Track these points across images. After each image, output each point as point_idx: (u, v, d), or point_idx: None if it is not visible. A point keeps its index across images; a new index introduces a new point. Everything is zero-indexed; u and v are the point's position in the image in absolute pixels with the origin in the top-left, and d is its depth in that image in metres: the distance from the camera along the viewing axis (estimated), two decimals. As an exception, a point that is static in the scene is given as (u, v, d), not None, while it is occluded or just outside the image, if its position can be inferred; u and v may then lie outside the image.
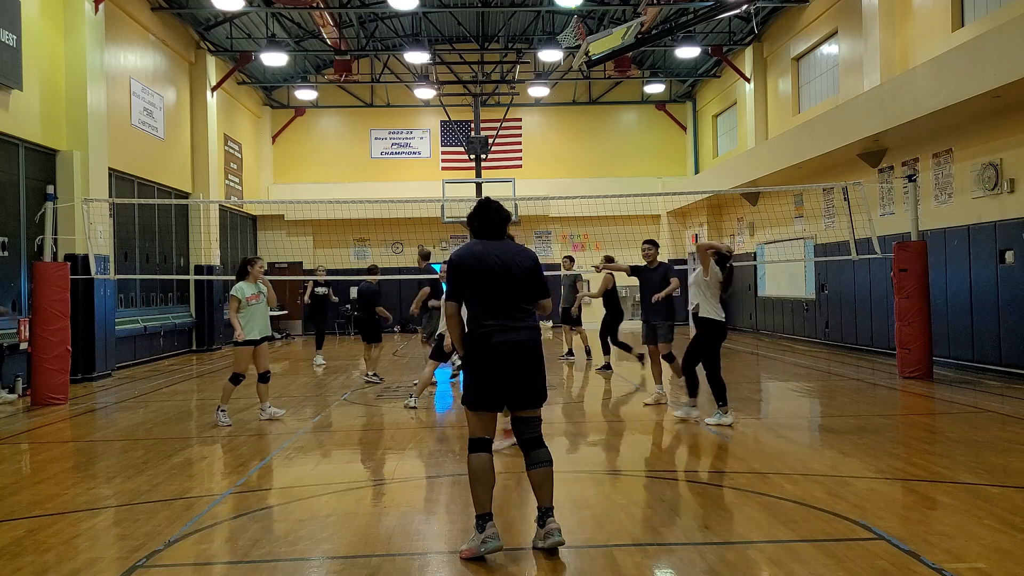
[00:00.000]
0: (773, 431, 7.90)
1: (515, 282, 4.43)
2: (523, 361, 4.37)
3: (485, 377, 4.36)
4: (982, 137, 11.84)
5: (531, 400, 4.42)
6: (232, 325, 8.54)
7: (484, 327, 4.37)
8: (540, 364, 4.48)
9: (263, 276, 8.90)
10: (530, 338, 4.42)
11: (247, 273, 8.73)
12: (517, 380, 4.37)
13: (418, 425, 8.49)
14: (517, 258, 4.49)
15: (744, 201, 20.74)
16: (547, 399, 4.54)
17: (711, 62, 22.74)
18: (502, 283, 4.40)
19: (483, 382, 4.36)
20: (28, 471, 6.81)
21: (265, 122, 25.22)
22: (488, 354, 4.34)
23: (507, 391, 4.37)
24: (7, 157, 11.82)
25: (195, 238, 19.04)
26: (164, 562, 4.34)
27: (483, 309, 4.40)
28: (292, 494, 5.75)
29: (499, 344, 4.33)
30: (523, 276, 4.46)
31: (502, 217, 4.64)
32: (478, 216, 4.64)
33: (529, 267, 4.51)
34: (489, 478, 4.34)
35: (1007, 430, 7.54)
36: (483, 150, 23.61)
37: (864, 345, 15.18)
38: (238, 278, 8.76)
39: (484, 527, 4.27)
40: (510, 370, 4.35)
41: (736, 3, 15.61)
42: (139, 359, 15.73)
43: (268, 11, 18.98)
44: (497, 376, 4.34)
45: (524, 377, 4.38)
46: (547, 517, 4.37)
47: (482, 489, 4.31)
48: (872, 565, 4.04)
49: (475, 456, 4.36)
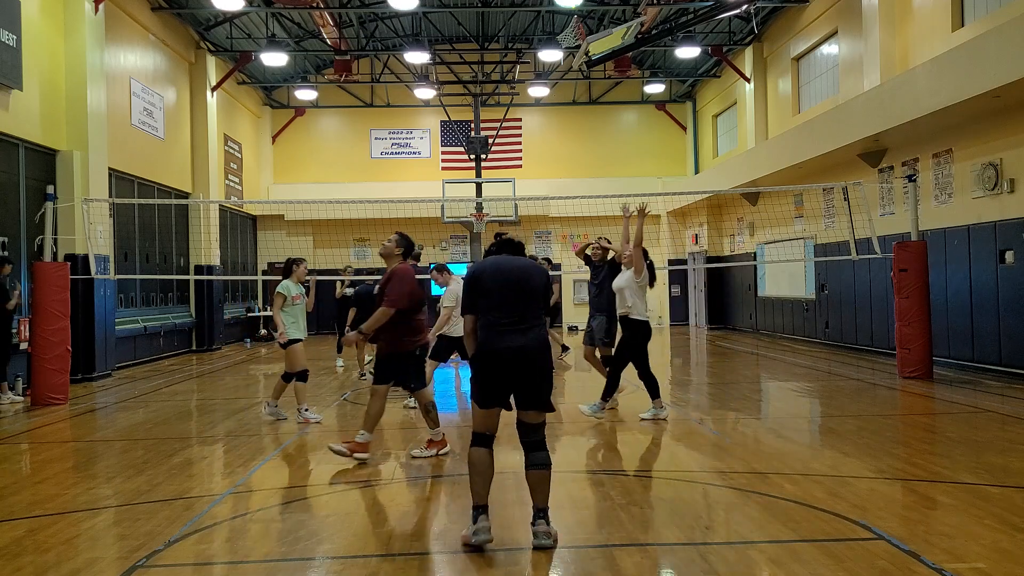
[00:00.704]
0: (773, 431, 7.90)
1: (527, 292, 4.58)
2: (528, 362, 4.46)
3: (489, 375, 4.48)
4: (982, 137, 11.84)
5: (534, 402, 4.48)
6: (275, 323, 8.58)
7: (493, 327, 4.49)
8: (546, 367, 4.55)
9: (308, 277, 8.99)
10: (537, 340, 4.53)
11: (292, 272, 8.80)
12: (522, 381, 4.47)
13: (417, 425, 8.49)
14: (531, 270, 4.68)
15: (744, 201, 20.75)
16: (553, 410, 4.61)
17: (711, 62, 22.74)
18: (515, 291, 4.55)
19: (487, 379, 4.48)
20: (28, 471, 6.81)
21: (265, 122, 25.23)
22: (495, 353, 4.46)
23: (512, 390, 4.51)
24: (7, 157, 11.82)
25: (195, 238, 19.04)
26: (164, 562, 4.34)
27: (494, 313, 4.52)
28: (292, 494, 5.75)
29: (506, 344, 4.45)
30: (535, 288, 4.62)
31: (520, 244, 4.91)
32: (499, 246, 4.87)
33: (544, 283, 4.69)
34: (486, 472, 4.47)
35: (1007, 430, 7.54)
36: (483, 150, 23.61)
37: (864, 345, 15.18)
38: (284, 277, 8.80)
39: (477, 519, 4.39)
40: (516, 370, 4.46)
41: (736, 3, 15.61)
42: (139, 359, 15.73)
43: (268, 11, 18.98)
44: (502, 374, 4.46)
45: (529, 378, 4.47)
46: (539, 518, 4.43)
47: (478, 481, 4.46)
48: (872, 565, 4.04)
49: (475, 450, 4.52)
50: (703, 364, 14.70)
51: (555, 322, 14.25)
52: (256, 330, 22.80)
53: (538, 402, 4.49)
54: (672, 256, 24.84)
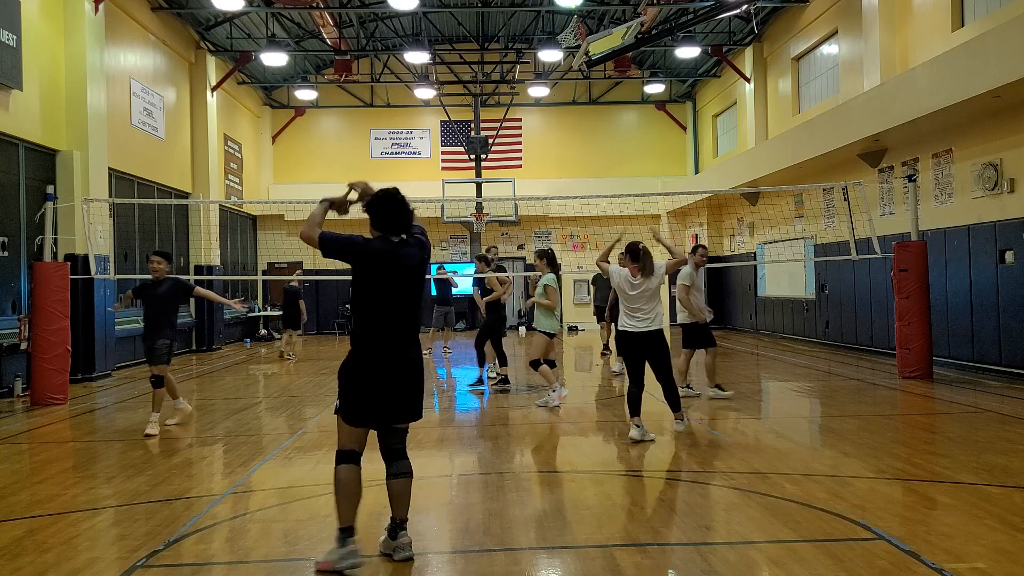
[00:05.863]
0: (773, 431, 7.90)
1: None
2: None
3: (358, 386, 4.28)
4: (982, 137, 11.84)
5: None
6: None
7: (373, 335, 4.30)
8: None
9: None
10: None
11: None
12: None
13: (416, 425, 8.48)
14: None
15: (744, 201, 20.75)
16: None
17: (711, 62, 22.74)
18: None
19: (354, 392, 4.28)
20: (28, 471, 6.81)
21: (265, 122, 25.23)
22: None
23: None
24: (7, 157, 11.82)
25: (195, 238, 19.04)
26: (164, 562, 4.34)
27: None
28: (292, 494, 5.75)
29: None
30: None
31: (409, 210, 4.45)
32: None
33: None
34: (355, 491, 4.25)
35: (1007, 430, 7.54)
36: (483, 150, 23.62)
37: (864, 345, 15.18)
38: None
39: (345, 542, 4.14)
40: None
41: (736, 3, 15.62)
42: (139, 359, 15.70)
43: (268, 11, 18.97)
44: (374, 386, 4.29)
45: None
46: (400, 530, 4.31)
47: (346, 504, 4.21)
48: (872, 565, 4.04)
49: (342, 467, 4.25)
50: (703, 364, 14.66)
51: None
52: (256, 330, 22.79)
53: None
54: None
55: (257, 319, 23.04)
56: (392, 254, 4.27)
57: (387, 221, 4.35)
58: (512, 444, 7.45)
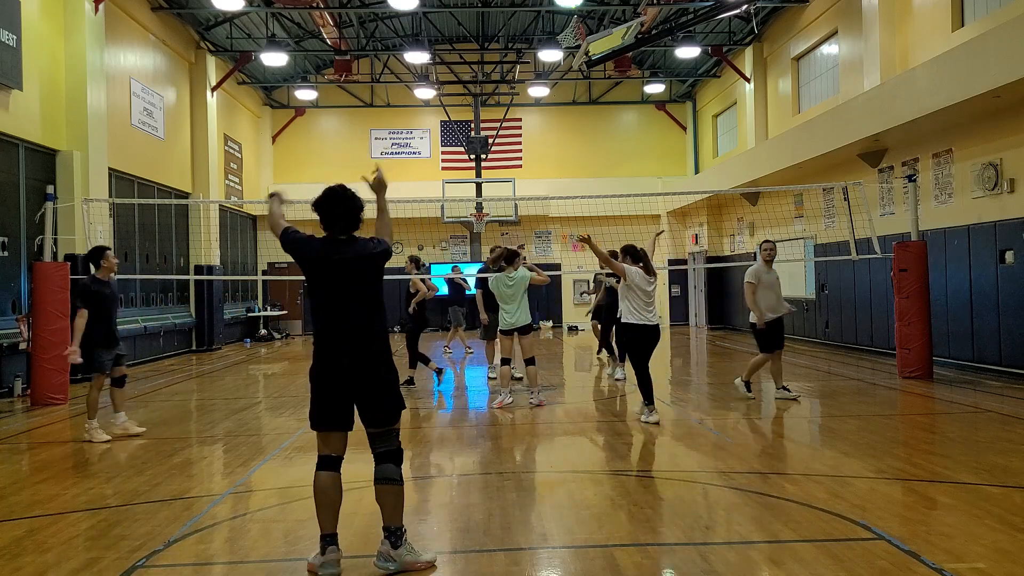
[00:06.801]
0: (773, 431, 7.90)
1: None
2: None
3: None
4: (982, 137, 11.84)
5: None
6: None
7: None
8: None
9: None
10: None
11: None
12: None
13: (415, 426, 8.49)
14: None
15: (744, 201, 20.75)
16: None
17: (711, 62, 22.74)
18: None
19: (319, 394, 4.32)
20: (28, 471, 6.81)
21: (265, 122, 25.23)
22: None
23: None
24: (7, 157, 11.82)
25: (195, 238, 19.03)
26: (164, 562, 4.34)
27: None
28: (292, 494, 5.75)
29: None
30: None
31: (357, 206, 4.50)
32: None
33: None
34: (332, 497, 4.22)
35: (1007, 430, 7.54)
36: (483, 150, 23.63)
37: (864, 345, 15.18)
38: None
39: (325, 550, 4.10)
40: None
41: (736, 3, 15.62)
42: (139, 359, 15.72)
43: (268, 11, 18.98)
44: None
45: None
46: (394, 537, 4.21)
47: (322, 512, 4.18)
48: (872, 565, 4.04)
49: (321, 474, 4.28)
50: (703, 364, 14.69)
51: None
52: (256, 330, 22.79)
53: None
54: (672, 256, 24.83)
55: (257, 319, 23.05)
56: (332, 252, 4.29)
57: (331, 219, 4.40)
58: (512, 444, 7.45)
